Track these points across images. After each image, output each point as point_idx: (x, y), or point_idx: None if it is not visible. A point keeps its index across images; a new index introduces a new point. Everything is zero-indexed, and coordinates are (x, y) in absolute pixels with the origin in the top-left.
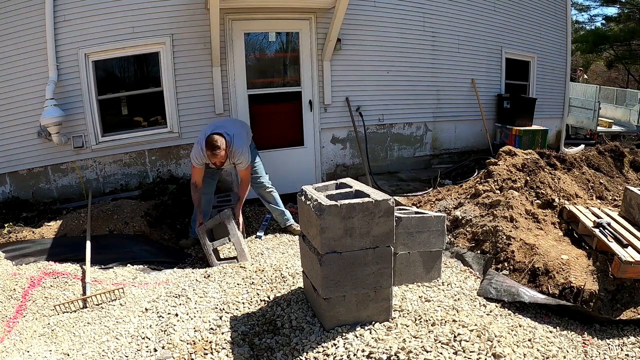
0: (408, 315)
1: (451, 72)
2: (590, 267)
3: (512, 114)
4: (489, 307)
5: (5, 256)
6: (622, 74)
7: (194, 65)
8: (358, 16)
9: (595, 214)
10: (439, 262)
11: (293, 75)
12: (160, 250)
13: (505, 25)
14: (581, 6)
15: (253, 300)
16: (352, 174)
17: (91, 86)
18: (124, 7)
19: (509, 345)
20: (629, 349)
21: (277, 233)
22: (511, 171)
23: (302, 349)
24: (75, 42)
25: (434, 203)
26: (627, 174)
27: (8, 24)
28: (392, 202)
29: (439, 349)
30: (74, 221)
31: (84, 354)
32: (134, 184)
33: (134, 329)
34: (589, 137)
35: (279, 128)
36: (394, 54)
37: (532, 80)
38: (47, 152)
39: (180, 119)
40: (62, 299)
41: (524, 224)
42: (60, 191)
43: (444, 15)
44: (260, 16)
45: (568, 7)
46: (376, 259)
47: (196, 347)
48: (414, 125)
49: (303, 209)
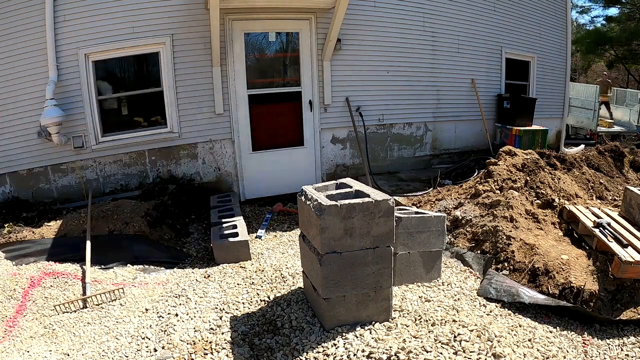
0: (408, 315)
1: (451, 72)
2: (590, 267)
3: (512, 114)
4: (489, 307)
5: (5, 256)
6: (622, 74)
7: (194, 65)
8: (358, 16)
9: (595, 214)
10: (439, 262)
11: (293, 75)
12: (160, 250)
13: (505, 25)
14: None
15: (253, 300)
16: (352, 174)
17: (91, 86)
18: (124, 7)
19: (509, 345)
20: (629, 349)
21: (277, 233)
22: (511, 171)
23: (302, 349)
24: (75, 42)
25: (434, 203)
26: (627, 174)
27: (8, 23)
28: (392, 202)
29: (439, 349)
30: (74, 221)
31: (84, 354)
32: (134, 184)
33: (134, 329)
34: (589, 137)
35: (279, 128)
36: (394, 54)
37: (532, 80)
38: (47, 152)
39: (180, 119)
40: (62, 299)
41: (524, 224)
42: (60, 191)
43: (444, 15)
44: (260, 16)
45: (568, 7)
46: (376, 259)
47: (196, 347)
48: (414, 125)
49: (303, 209)
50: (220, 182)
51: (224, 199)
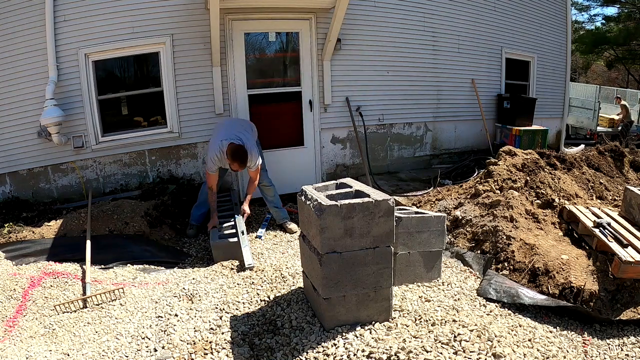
0: (408, 315)
1: (451, 72)
2: (590, 267)
3: (512, 114)
4: (489, 307)
5: (5, 256)
6: (622, 74)
7: (194, 65)
8: (358, 16)
9: (595, 214)
10: (439, 262)
11: (293, 75)
12: (160, 250)
13: (505, 25)
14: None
15: (253, 300)
16: (352, 174)
17: (91, 86)
18: (124, 7)
19: (509, 345)
20: (629, 349)
21: (277, 233)
22: (511, 171)
23: (302, 349)
24: (75, 42)
25: (434, 203)
26: (627, 174)
27: (8, 23)
28: (392, 202)
29: (439, 349)
30: (74, 221)
31: (84, 354)
32: (134, 184)
33: (134, 329)
34: (589, 137)
35: (279, 128)
36: (394, 54)
37: (532, 80)
38: (47, 152)
39: (180, 119)
40: (62, 299)
41: (524, 224)
42: (60, 191)
43: (444, 15)
44: (260, 16)
45: (568, 7)
46: (376, 259)
47: (196, 347)
48: (414, 125)
49: (303, 209)
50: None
51: (223, 198)
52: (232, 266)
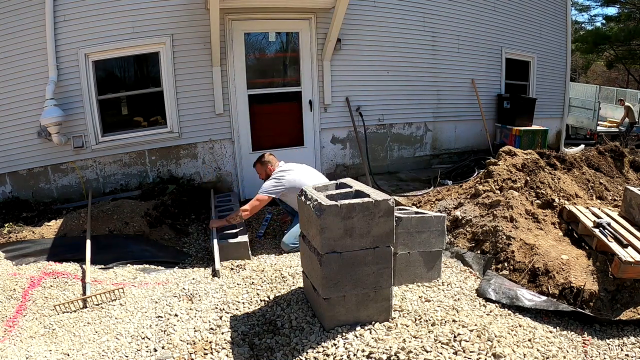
0: (408, 315)
1: (451, 72)
2: (590, 267)
3: (512, 114)
4: (489, 307)
5: (5, 256)
6: (622, 74)
7: (194, 65)
8: (358, 16)
9: (595, 214)
10: (439, 262)
11: (293, 75)
12: (160, 250)
13: (505, 25)
14: (581, 6)
15: (253, 300)
16: (352, 174)
17: (91, 86)
18: (124, 7)
19: (509, 345)
20: (629, 349)
21: (278, 233)
22: (511, 171)
23: (302, 349)
24: (75, 42)
25: (434, 203)
26: (627, 174)
27: (8, 24)
28: (392, 202)
29: (439, 349)
30: (74, 221)
31: (84, 354)
32: (134, 184)
33: (134, 329)
34: (589, 137)
35: (279, 128)
36: (394, 54)
37: (532, 80)
38: (47, 152)
39: (180, 119)
40: (62, 299)
41: (524, 224)
42: (60, 191)
43: (444, 15)
44: (260, 16)
45: (568, 7)
46: (376, 259)
47: (196, 347)
48: (414, 125)
49: (303, 209)
50: (220, 182)
51: (224, 199)
52: (232, 266)
